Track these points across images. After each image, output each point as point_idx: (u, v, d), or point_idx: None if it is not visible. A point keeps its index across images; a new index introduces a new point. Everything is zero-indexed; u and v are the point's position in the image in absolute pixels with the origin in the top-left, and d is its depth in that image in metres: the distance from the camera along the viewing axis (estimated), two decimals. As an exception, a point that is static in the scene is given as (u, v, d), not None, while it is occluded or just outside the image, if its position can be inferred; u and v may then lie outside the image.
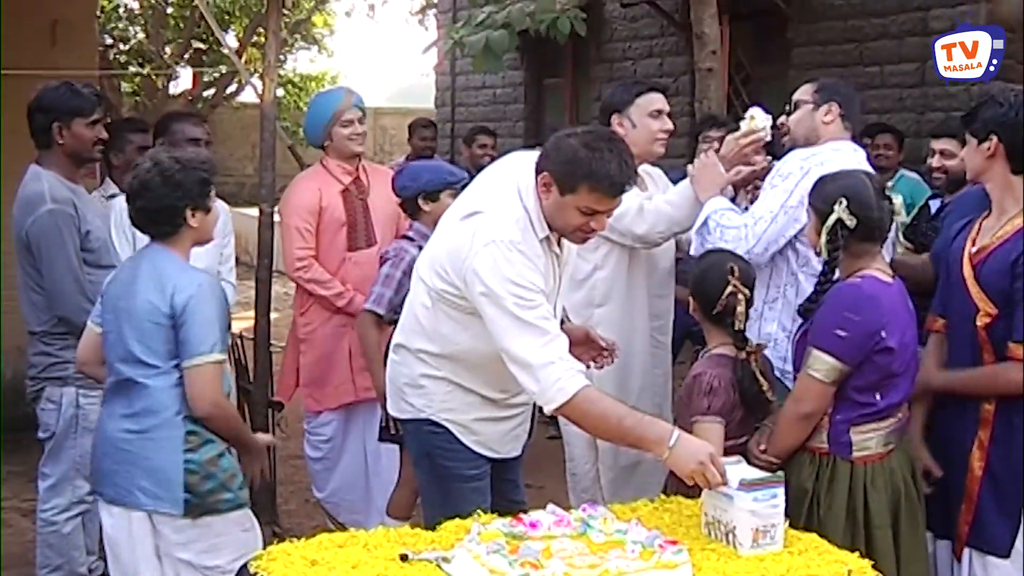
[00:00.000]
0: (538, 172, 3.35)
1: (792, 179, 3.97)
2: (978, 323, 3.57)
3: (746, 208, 4.25)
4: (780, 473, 3.15)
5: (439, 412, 3.63)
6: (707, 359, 3.70)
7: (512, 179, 3.43)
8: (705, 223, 4.11)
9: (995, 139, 3.59)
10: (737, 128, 4.39)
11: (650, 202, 4.29)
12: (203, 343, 3.50)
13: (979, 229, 3.69)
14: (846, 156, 4.00)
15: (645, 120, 4.39)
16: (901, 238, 3.84)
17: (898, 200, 3.54)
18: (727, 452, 3.52)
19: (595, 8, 10.43)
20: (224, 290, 3.82)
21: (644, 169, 4.52)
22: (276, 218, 5.40)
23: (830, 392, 3.40)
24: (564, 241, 3.50)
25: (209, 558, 3.59)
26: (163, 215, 3.59)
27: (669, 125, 4.45)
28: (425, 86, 19.54)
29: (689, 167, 4.34)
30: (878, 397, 3.40)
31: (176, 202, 3.58)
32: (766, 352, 3.75)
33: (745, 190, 4.44)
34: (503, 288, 3.24)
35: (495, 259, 3.26)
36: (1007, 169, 3.60)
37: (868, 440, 3.42)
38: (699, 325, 3.81)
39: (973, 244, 3.65)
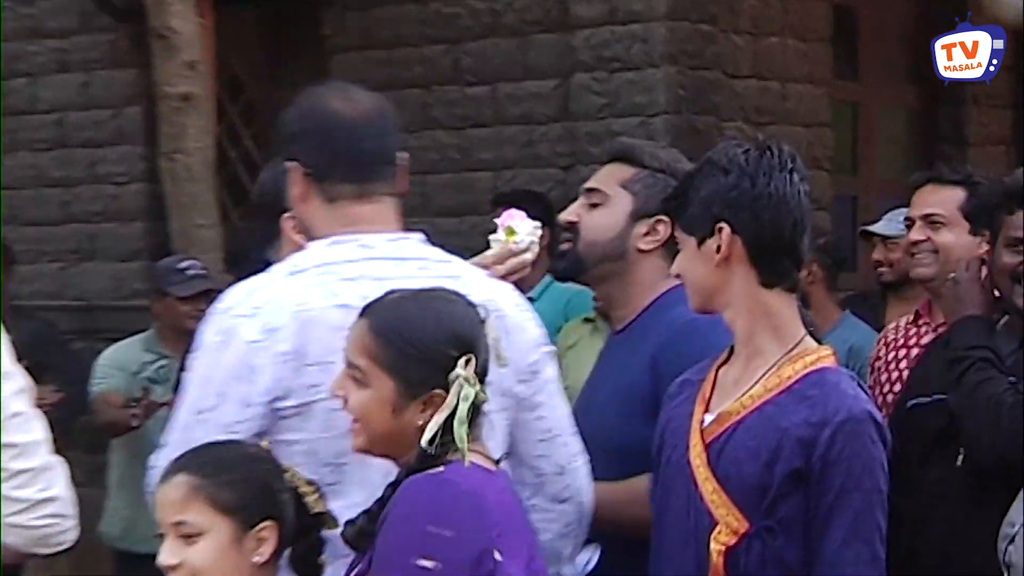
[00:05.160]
0: None
1: None
2: (712, 546, 2.10)
3: None
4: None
5: None
6: None
7: None
8: None
9: (726, 229, 2.17)
10: None
11: None
12: None
13: (713, 382, 2.25)
14: None
15: None
16: None
17: None
18: None
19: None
20: None
21: None
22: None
23: None
24: None
25: None
26: None
27: None
28: None
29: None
30: None
31: None
32: None
33: None
34: None
35: None
36: (752, 280, 2.19)
37: None
38: None
39: (706, 408, 2.21)
